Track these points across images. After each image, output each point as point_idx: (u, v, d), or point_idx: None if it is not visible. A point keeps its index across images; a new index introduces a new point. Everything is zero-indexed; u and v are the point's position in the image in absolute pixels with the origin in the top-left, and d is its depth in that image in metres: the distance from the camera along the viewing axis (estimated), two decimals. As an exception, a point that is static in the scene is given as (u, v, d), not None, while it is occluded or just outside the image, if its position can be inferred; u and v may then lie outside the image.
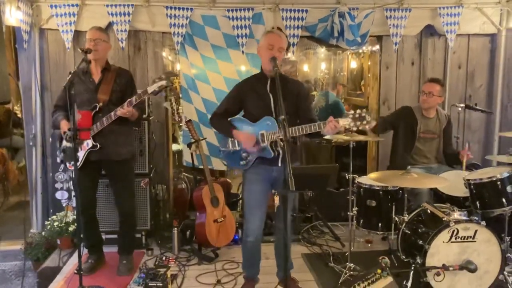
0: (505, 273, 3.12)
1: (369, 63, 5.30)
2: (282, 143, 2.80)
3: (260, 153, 2.97)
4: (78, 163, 3.29)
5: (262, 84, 3.01)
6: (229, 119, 3.11)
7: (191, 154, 4.39)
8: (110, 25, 4.24)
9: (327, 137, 3.41)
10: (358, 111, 2.72)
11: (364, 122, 2.68)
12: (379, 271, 2.64)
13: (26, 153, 4.45)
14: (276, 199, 2.57)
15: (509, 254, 3.45)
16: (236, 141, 3.04)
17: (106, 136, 3.32)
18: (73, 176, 3.61)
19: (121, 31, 4.27)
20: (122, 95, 3.42)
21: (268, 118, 2.93)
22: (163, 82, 3.17)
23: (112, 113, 3.25)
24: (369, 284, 2.55)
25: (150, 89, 3.18)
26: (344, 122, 2.71)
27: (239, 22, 4.34)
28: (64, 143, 3.34)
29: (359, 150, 5.39)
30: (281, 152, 2.92)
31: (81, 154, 3.30)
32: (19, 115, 6.81)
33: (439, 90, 3.96)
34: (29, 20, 4.19)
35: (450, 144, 4.13)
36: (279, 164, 2.97)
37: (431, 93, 3.94)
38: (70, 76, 2.94)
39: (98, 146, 3.29)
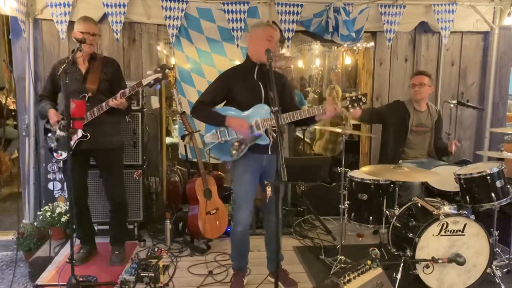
0: (493, 266, 3.16)
1: (363, 60, 5.32)
2: (275, 134, 2.82)
3: (256, 141, 2.98)
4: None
5: (250, 72, 3.01)
6: (214, 108, 3.08)
7: (185, 146, 4.40)
8: (105, 16, 4.23)
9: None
10: (354, 93, 2.84)
11: (361, 103, 2.86)
12: (369, 262, 2.66)
13: (19, 144, 4.44)
14: (269, 190, 2.58)
15: (497, 248, 3.51)
16: (226, 131, 3.00)
17: (95, 125, 3.32)
18: (62, 165, 3.61)
19: (116, 22, 4.26)
20: (110, 85, 3.43)
21: (261, 105, 2.95)
22: (159, 75, 3.18)
23: (104, 104, 3.25)
24: (359, 275, 2.57)
25: (145, 81, 3.19)
26: (343, 104, 2.87)
27: (234, 16, 4.35)
28: (58, 132, 3.33)
29: (352, 146, 5.45)
30: (272, 140, 2.96)
31: (71, 144, 3.30)
32: (11, 107, 6.80)
33: (428, 81, 4.02)
34: (24, 10, 4.17)
35: (440, 138, 4.18)
36: (269, 153, 3.00)
37: (422, 84, 3.98)
38: (64, 65, 2.93)
39: (89, 136, 3.29)
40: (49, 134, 3.44)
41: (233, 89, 3.03)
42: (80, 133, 3.28)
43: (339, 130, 3.69)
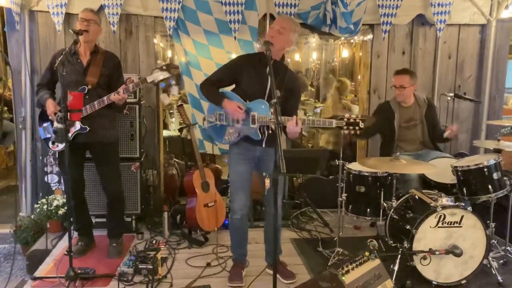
0: (490, 258, 3.18)
1: (360, 53, 5.32)
2: (273, 126, 2.82)
3: (247, 133, 2.99)
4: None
5: (264, 64, 2.98)
6: (220, 90, 3.11)
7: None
8: (101, 8, 4.20)
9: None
10: (354, 116, 2.74)
11: (357, 128, 2.72)
12: (367, 253, 2.67)
13: (16, 137, 4.42)
14: (267, 182, 2.59)
15: (493, 240, 3.53)
16: (224, 116, 3.05)
17: (93, 119, 3.32)
18: (58, 157, 3.60)
19: (113, 14, 4.23)
20: (109, 79, 3.42)
21: (262, 101, 2.95)
22: (165, 74, 3.15)
23: (105, 98, 3.25)
24: (357, 266, 2.58)
25: (150, 79, 3.18)
26: (339, 123, 2.76)
27: (232, 8, 4.32)
28: (55, 124, 3.32)
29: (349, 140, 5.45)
30: (266, 134, 2.98)
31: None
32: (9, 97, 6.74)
33: (408, 80, 3.95)
34: (19, 1, 4.13)
35: (437, 125, 4.13)
36: (263, 145, 3.02)
37: (402, 87, 3.95)
38: (61, 56, 2.92)
39: (88, 128, 3.28)
40: (45, 124, 3.43)
41: (241, 75, 3.04)
42: (78, 125, 3.27)
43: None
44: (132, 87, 3.22)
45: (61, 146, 3.36)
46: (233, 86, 3.16)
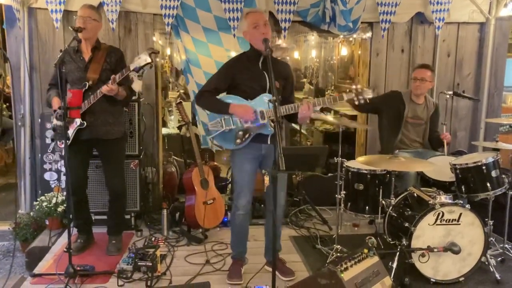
0: (488, 255, 3.19)
1: (359, 52, 5.32)
2: (273, 123, 2.83)
3: (259, 131, 2.98)
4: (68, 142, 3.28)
5: (254, 62, 3.01)
6: (218, 96, 3.07)
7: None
8: (100, 5, 4.18)
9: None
10: (359, 86, 2.83)
11: (366, 96, 2.82)
12: (365, 251, 2.68)
13: (15, 134, 4.42)
14: (266, 179, 2.59)
15: (491, 238, 3.54)
16: (230, 119, 3.00)
17: (96, 115, 3.32)
18: (64, 155, 3.60)
19: (112, 11, 4.22)
20: (113, 74, 3.40)
21: (266, 95, 2.95)
22: (145, 58, 3.15)
23: (98, 91, 3.24)
24: (355, 263, 2.59)
25: (132, 66, 3.16)
26: (348, 96, 2.83)
27: (231, 5, 4.31)
28: (55, 121, 3.32)
29: (348, 138, 5.47)
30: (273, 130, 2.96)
31: (70, 133, 3.29)
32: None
33: (430, 76, 4.01)
34: (18, -2, 4.13)
35: (435, 131, 4.18)
36: (268, 142, 3.01)
37: (423, 79, 3.98)
38: (61, 54, 2.92)
39: (85, 124, 3.28)
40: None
41: (236, 77, 3.01)
42: (78, 121, 3.27)
43: (336, 121, 3.70)
44: (118, 76, 3.20)
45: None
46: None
